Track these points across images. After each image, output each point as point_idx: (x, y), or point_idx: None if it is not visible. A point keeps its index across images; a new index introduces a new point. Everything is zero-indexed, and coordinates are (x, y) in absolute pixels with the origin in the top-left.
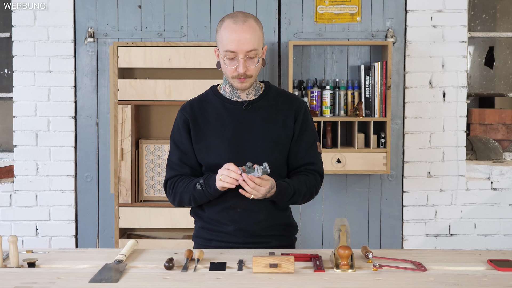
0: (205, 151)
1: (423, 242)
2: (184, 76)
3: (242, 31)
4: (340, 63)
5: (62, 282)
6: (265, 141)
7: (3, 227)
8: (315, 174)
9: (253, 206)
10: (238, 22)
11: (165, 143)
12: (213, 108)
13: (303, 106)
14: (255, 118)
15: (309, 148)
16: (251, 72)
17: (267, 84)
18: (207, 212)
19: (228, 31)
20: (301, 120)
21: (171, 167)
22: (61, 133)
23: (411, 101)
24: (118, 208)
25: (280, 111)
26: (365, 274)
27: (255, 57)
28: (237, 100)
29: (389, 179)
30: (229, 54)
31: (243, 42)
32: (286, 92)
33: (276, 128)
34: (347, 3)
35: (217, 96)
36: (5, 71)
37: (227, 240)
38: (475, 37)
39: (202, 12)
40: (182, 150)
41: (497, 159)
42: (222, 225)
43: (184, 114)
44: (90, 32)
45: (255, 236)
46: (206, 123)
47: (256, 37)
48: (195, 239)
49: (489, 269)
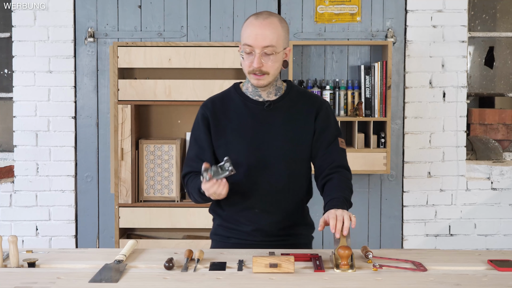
0: (225, 148)
1: (423, 242)
2: (184, 76)
3: (261, 26)
4: (340, 63)
5: (62, 282)
6: (284, 142)
7: (3, 227)
8: (340, 170)
9: (271, 208)
10: (259, 18)
11: (165, 143)
12: (234, 106)
13: (324, 105)
14: (275, 118)
15: (330, 146)
16: (267, 69)
17: (289, 83)
18: (226, 211)
19: (248, 26)
20: (322, 118)
21: (187, 163)
22: (61, 133)
23: (411, 101)
24: (118, 208)
25: (301, 111)
26: (365, 274)
27: (272, 54)
28: (258, 99)
29: (389, 179)
30: (246, 48)
31: (261, 37)
32: (308, 92)
33: (297, 128)
34: (347, 3)
35: (239, 94)
36: (5, 71)
37: (245, 238)
38: (475, 37)
39: (202, 12)
40: (199, 145)
41: (497, 159)
42: (240, 224)
43: (205, 110)
44: (90, 32)
45: (272, 235)
46: (226, 121)
47: (275, 35)
48: (213, 236)
49: (489, 269)
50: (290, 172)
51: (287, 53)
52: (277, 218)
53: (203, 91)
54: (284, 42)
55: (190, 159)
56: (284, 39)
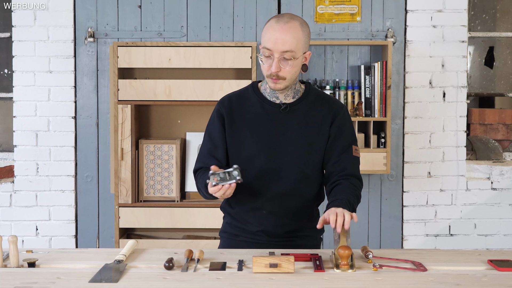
0: (238, 147)
1: (423, 242)
2: (184, 76)
3: (281, 31)
4: (340, 63)
5: (62, 282)
6: (299, 145)
7: (3, 227)
8: (350, 178)
9: (280, 210)
10: (280, 22)
11: (165, 143)
12: (250, 105)
13: (342, 110)
14: (291, 121)
15: (343, 153)
16: (284, 74)
17: (307, 86)
18: (235, 209)
19: (269, 29)
20: (338, 124)
21: (199, 159)
22: (61, 133)
23: (411, 101)
24: (118, 208)
25: (317, 115)
26: (365, 274)
27: (291, 60)
28: (275, 101)
29: (389, 179)
30: (265, 52)
31: (280, 42)
32: (326, 96)
33: (311, 132)
34: (347, 3)
35: (256, 94)
36: (5, 71)
37: (252, 237)
38: (475, 37)
39: (202, 12)
40: (213, 142)
41: (497, 159)
42: (248, 224)
43: (221, 107)
44: (90, 32)
45: (279, 237)
46: (241, 120)
47: (295, 40)
48: (222, 234)
49: (489, 269)
50: (301, 176)
51: (307, 57)
52: (284, 221)
53: (203, 91)
54: (304, 46)
55: (203, 155)
56: (304, 43)
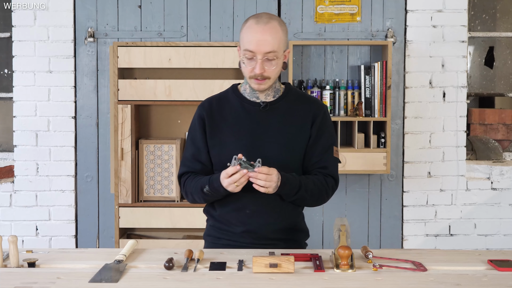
0: (219, 148)
1: (423, 242)
2: (184, 76)
3: (262, 32)
4: (340, 63)
5: (62, 282)
6: (280, 144)
7: (3, 227)
8: (327, 176)
9: (263, 208)
10: (260, 22)
11: (165, 143)
12: (231, 106)
13: (322, 110)
14: (272, 119)
15: (324, 153)
16: (269, 74)
17: (287, 85)
18: (218, 211)
19: (249, 31)
20: (318, 123)
21: (183, 163)
22: (61, 133)
23: (411, 101)
24: (118, 208)
25: (298, 114)
26: (365, 274)
27: (274, 60)
28: (255, 100)
29: (389, 179)
30: (248, 54)
31: (262, 43)
32: (306, 95)
33: (292, 130)
34: (347, 3)
35: (236, 95)
36: (5, 71)
37: (235, 240)
38: (475, 37)
39: (202, 12)
40: (196, 145)
41: (497, 159)
42: (231, 225)
43: (202, 110)
44: (90, 32)
45: (263, 238)
46: (222, 121)
47: (277, 40)
48: (206, 237)
49: (489, 269)
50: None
51: (286, 55)
52: (268, 220)
53: (203, 91)
54: (284, 45)
55: (187, 159)
56: (284, 42)
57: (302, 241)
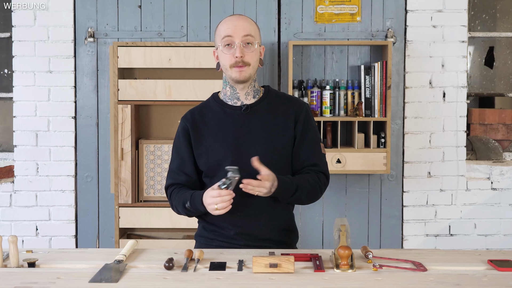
0: (206, 155)
1: (423, 242)
2: (184, 76)
3: (238, 19)
4: (340, 63)
5: (62, 282)
6: (264, 144)
7: (3, 227)
8: (319, 173)
9: (254, 210)
10: (234, 15)
11: (165, 143)
12: (213, 113)
13: (303, 108)
14: (254, 121)
15: (312, 150)
16: (248, 59)
17: (267, 88)
18: (209, 215)
19: (225, 21)
20: (302, 122)
21: (169, 175)
22: (61, 133)
23: (411, 101)
24: (118, 208)
25: (280, 114)
26: (365, 274)
27: (251, 45)
28: (236, 103)
29: (389, 179)
30: (226, 40)
31: (240, 27)
32: (286, 95)
33: (276, 130)
34: (347, 3)
35: (217, 102)
36: (5, 71)
37: (228, 242)
38: (475, 37)
39: (202, 12)
40: (181, 157)
41: (497, 159)
42: (223, 228)
43: (185, 121)
44: (90, 32)
45: (255, 239)
46: (206, 128)
47: (252, 27)
48: (197, 237)
49: (489, 269)
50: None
51: (261, 52)
52: (260, 221)
53: (203, 91)
54: (259, 37)
55: (172, 171)
56: (259, 35)
57: (293, 243)
